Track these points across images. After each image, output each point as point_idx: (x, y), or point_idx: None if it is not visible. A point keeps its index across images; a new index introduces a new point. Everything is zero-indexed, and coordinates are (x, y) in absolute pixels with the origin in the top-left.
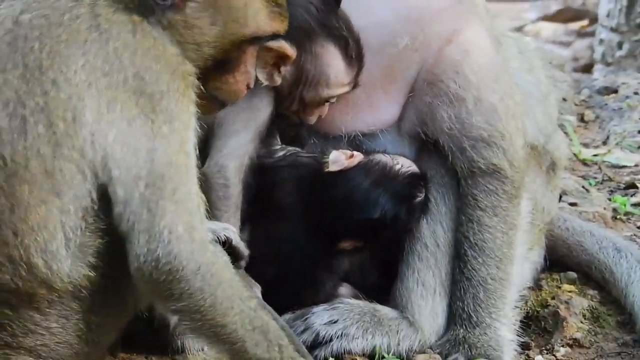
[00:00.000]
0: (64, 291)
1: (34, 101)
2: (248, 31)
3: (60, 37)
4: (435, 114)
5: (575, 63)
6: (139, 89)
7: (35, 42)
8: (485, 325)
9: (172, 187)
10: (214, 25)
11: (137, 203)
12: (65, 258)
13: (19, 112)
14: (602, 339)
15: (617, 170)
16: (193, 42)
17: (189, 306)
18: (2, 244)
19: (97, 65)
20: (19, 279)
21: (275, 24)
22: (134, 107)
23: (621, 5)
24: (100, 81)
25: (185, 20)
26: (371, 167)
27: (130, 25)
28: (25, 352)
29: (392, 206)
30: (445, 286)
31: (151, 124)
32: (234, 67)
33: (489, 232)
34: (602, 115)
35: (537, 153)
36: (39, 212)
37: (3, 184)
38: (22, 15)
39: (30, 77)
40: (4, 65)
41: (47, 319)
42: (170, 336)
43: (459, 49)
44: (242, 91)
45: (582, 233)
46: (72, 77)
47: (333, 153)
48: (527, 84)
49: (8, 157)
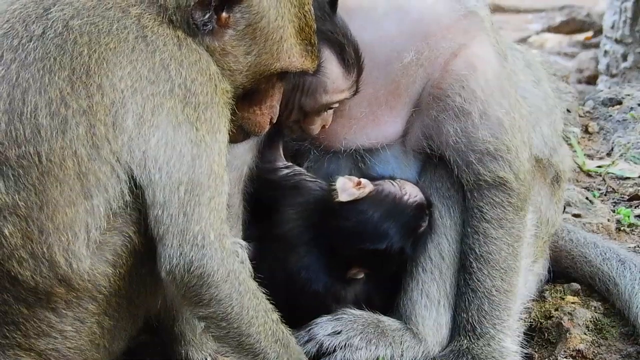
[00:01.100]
0: (82, 290)
1: (77, 103)
2: (280, 65)
3: (109, 45)
4: (441, 128)
5: (580, 74)
6: (185, 98)
7: (84, 47)
8: (489, 336)
9: (209, 195)
10: (248, 54)
11: (175, 207)
12: (85, 257)
13: (61, 112)
14: (605, 351)
15: (621, 181)
16: (228, 68)
17: (217, 313)
18: (27, 240)
19: (143, 73)
20: (39, 276)
21: (307, 61)
22: (180, 114)
23: (626, 17)
24: (146, 89)
25: (223, 47)
26: (382, 199)
27: (175, 39)
28: (36, 355)
29: (399, 239)
30: (450, 298)
31: (196, 131)
32: (262, 99)
33: (494, 244)
34: (606, 126)
35: (542, 166)
36: (67, 213)
37: (35, 181)
38: (73, 20)
39: (76, 80)
40: (51, 66)
41: (63, 321)
42: (174, 345)
43: (466, 64)
44: (266, 124)
45: (586, 244)
46: (118, 83)
47: (339, 180)
48: (534, 97)
49: (44, 155)
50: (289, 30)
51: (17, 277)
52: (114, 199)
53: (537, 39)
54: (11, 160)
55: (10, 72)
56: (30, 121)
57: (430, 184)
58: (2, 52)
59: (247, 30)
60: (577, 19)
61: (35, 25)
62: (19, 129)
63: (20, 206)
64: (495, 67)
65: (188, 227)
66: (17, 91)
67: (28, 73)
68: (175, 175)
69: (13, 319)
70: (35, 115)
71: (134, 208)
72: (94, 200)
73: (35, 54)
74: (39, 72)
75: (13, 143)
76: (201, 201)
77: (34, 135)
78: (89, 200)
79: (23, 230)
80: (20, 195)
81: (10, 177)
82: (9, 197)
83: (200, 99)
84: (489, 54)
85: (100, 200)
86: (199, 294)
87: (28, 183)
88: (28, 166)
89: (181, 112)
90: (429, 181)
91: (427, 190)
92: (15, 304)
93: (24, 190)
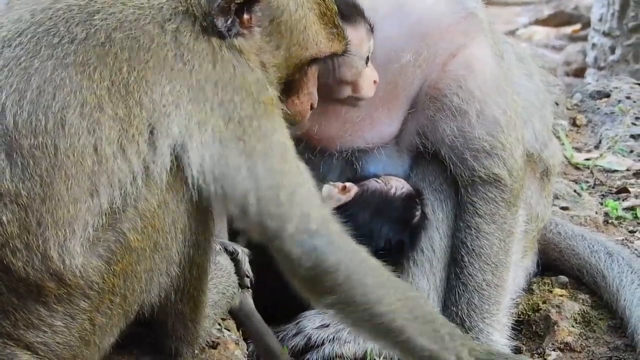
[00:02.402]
0: (74, 287)
1: (113, 111)
2: (309, 53)
3: (148, 64)
4: (437, 126)
5: (568, 67)
6: (227, 115)
7: (124, 64)
8: (478, 329)
9: (287, 193)
10: (279, 49)
11: (255, 216)
12: (78, 254)
13: (94, 115)
14: (593, 343)
15: (609, 174)
16: (262, 66)
17: (341, 298)
18: (23, 230)
19: (183, 92)
20: (30, 268)
21: (335, 44)
22: (225, 129)
23: (613, 10)
24: (188, 105)
25: (257, 46)
26: (367, 198)
27: (210, 56)
28: (24, 346)
29: (395, 233)
30: (439, 291)
31: (244, 144)
32: (298, 88)
33: (486, 238)
34: (594, 119)
35: (532, 160)
36: (69, 210)
37: (44, 173)
38: (115, 32)
39: (115, 92)
40: (91, 74)
41: (53, 315)
42: (165, 340)
43: (464, 64)
44: (307, 111)
45: (574, 237)
46: (158, 99)
47: (325, 188)
48: (526, 91)
49: (62, 148)
50: (311, 18)
51: (9, 266)
52: (118, 197)
53: (525, 31)
54: (24, 149)
55: (46, 67)
56: (56, 116)
57: (423, 178)
58: (41, 47)
59: (272, 26)
60: (565, 12)
61: (79, 28)
62: (41, 119)
63: (22, 195)
64: (493, 67)
65: (282, 229)
66: (49, 86)
67: (65, 72)
68: (238, 188)
69: (3, 307)
70: (64, 112)
71: (132, 205)
72: (100, 199)
73: (76, 57)
74: (77, 75)
75: (31, 132)
76: (280, 202)
77: (57, 129)
78: (94, 198)
79: (21, 220)
80: (24, 185)
81: (19, 165)
82: (13, 184)
83: (242, 113)
84: (487, 55)
85: (105, 199)
86: (319, 283)
87: (35, 174)
88: (40, 157)
89: (225, 129)
90: (421, 175)
91: (419, 184)
92: (7, 293)
93: (30, 180)
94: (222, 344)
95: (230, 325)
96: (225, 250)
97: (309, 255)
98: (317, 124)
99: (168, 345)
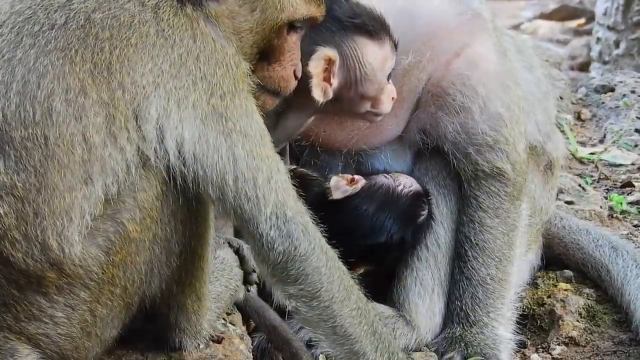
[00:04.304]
0: (74, 277)
1: (97, 95)
2: (285, 15)
3: (130, 41)
4: (439, 123)
5: (572, 61)
6: (209, 90)
7: (105, 43)
8: (482, 324)
9: (264, 177)
10: (254, 11)
11: (232, 197)
12: (77, 242)
13: (79, 101)
14: (597, 338)
15: (613, 168)
16: (237, 31)
17: (307, 289)
18: (21, 221)
19: (164, 68)
20: (30, 259)
21: (312, 7)
22: (206, 106)
23: (618, 4)
24: (168, 83)
25: (227, 10)
26: (374, 191)
27: (190, 30)
28: (25, 339)
29: (397, 229)
30: (444, 286)
31: (224, 122)
32: (279, 54)
33: (490, 232)
34: (598, 113)
35: (535, 153)
36: (65, 198)
37: (37, 164)
38: (95, 13)
39: (97, 74)
40: (72, 57)
41: (53, 306)
42: (168, 333)
43: (468, 62)
44: (291, 77)
45: (579, 231)
46: (139, 79)
47: (333, 179)
48: (527, 83)
49: (52, 138)
50: None
51: (8, 258)
52: (112, 186)
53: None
54: (15, 141)
55: (28, 56)
56: (43, 105)
57: (426, 173)
58: (22, 36)
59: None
60: (570, 6)
61: (58, 14)
62: (29, 111)
63: (18, 187)
64: (497, 64)
65: (259, 211)
66: (32, 75)
67: (47, 60)
68: (217, 169)
69: (4, 300)
70: (50, 100)
71: (130, 196)
72: (95, 186)
73: (57, 42)
74: (58, 61)
75: (20, 124)
76: (258, 184)
77: (45, 118)
78: (89, 186)
79: (18, 212)
80: (19, 176)
81: (12, 157)
82: (8, 177)
83: (224, 88)
84: (490, 52)
85: (100, 186)
86: (285, 269)
87: (29, 165)
88: (32, 148)
89: (207, 104)
90: (424, 170)
91: (422, 178)
92: (7, 285)
93: (24, 172)
94: (226, 338)
95: (235, 320)
96: (230, 245)
97: (282, 239)
98: (323, 131)
99: (172, 338)
